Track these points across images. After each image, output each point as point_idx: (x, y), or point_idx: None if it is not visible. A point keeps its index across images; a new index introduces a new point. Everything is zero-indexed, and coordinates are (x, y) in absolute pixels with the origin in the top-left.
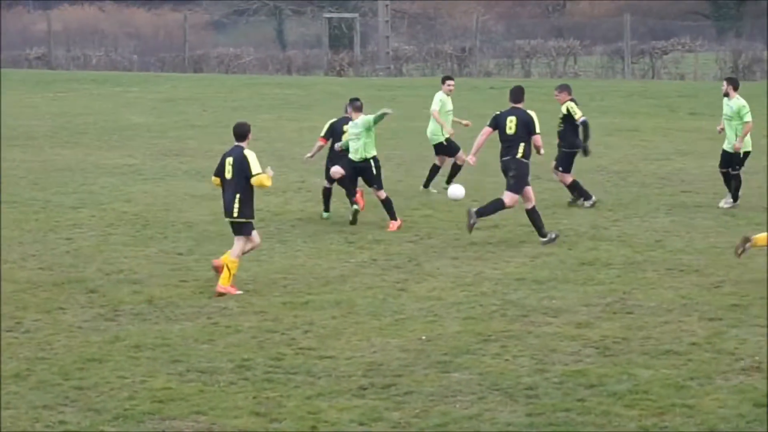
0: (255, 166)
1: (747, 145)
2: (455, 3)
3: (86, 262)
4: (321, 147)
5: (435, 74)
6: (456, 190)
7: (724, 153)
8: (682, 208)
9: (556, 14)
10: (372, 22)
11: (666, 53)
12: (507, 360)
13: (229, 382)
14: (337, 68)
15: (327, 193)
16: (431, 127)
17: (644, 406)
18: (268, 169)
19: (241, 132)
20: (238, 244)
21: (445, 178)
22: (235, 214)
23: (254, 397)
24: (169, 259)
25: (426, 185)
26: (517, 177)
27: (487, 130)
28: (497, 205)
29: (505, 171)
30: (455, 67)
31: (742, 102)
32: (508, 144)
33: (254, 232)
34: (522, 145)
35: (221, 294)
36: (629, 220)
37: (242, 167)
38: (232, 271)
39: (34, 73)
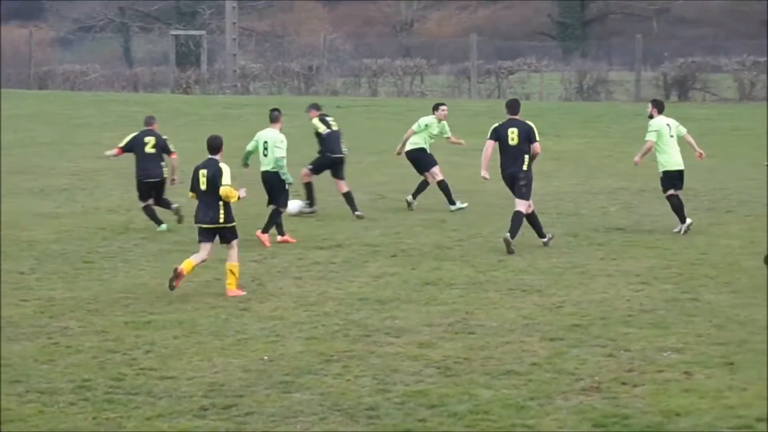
0: (226, 178)
1: (670, 164)
2: (303, 21)
3: None
4: (116, 155)
5: (282, 93)
6: (293, 204)
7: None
8: (526, 228)
9: (404, 34)
10: (219, 40)
11: (512, 73)
12: (349, 380)
13: (69, 402)
14: (184, 86)
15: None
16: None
17: (484, 427)
18: (242, 191)
19: (215, 145)
20: (234, 249)
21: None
22: (222, 220)
23: (94, 418)
24: (11, 278)
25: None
26: (527, 185)
27: (490, 143)
28: (518, 219)
29: (512, 181)
30: (302, 86)
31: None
32: (513, 155)
33: (211, 245)
34: (526, 155)
35: (234, 295)
36: (473, 239)
37: (216, 179)
38: (236, 274)
39: None
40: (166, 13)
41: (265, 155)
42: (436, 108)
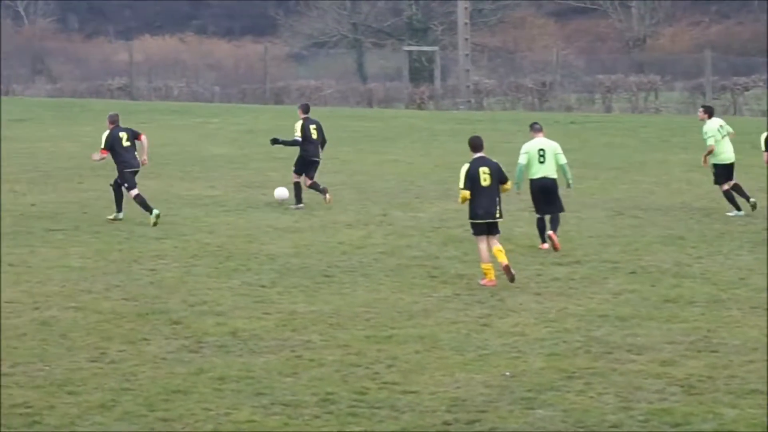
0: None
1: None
2: (534, 37)
3: (170, 293)
4: (103, 158)
5: (516, 108)
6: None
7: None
8: (766, 245)
9: (637, 50)
10: (452, 56)
11: (747, 89)
12: (591, 397)
13: (314, 415)
14: (418, 101)
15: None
16: None
17: None
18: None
19: (481, 143)
20: (497, 239)
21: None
22: (498, 216)
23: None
24: (253, 291)
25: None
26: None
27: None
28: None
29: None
30: (536, 102)
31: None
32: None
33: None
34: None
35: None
36: (713, 257)
37: (499, 173)
38: (503, 252)
39: (115, 104)
40: (399, 29)
41: (542, 162)
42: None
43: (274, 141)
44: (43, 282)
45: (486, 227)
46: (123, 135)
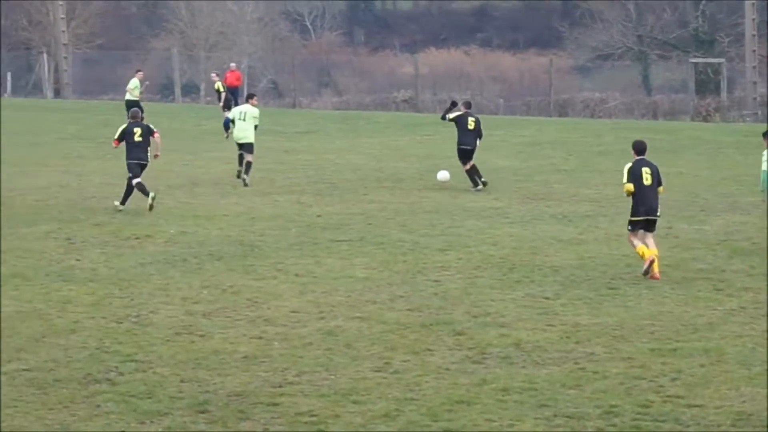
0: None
1: None
2: None
3: (454, 304)
4: (114, 148)
5: None
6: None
7: None
8: None
9: None
10: (739, 68)
11: None
12: None
13: (597, 428)
14: (704, 113)
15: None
16: None
17: None
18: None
19: (645, 147)
20: (652, 236)
21: None
22: (659, 213)
23: None
24: (536, 303)
25: None
26: None
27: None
28: None
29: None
30: None
31: None
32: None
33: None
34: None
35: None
36: None
37: (659, 176)
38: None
39: (401, 116)
40: (684, 41)
41: None
42: None
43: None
44: (329, 292)
45: (645, 223)
46: (137, 130)
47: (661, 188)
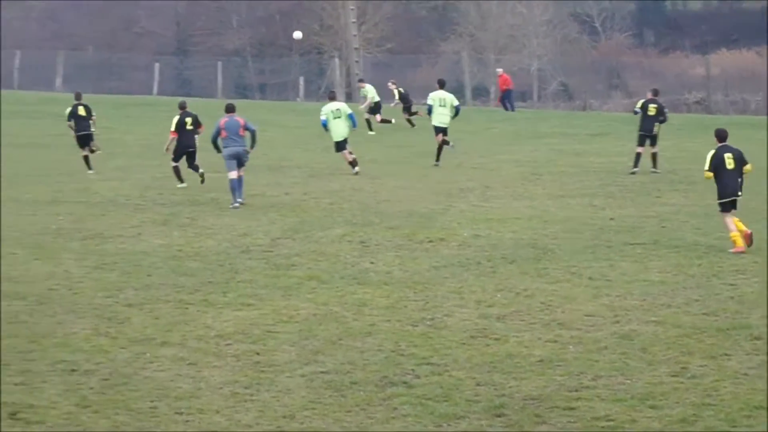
0: None
1: None
2: None
3: (751, 308)
4: (173, 140)
5: None
6: None
7: None
8: None
9: None
10: None
11: None
12: None
13: None
14: None
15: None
16: None
17: None
18: None
19: (726, 134)
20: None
21: None
22: (740, 193)
23: None
24: None
25: None
26: None
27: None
28: None
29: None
30: None
31: None
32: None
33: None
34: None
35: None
36: None
37: (742, 159)
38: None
39: (692, 118)
40: None
41: None
42: None
43: None
44: (623, 296)
45: (730, 204)
46: (188, 120)
47: (748, 167)
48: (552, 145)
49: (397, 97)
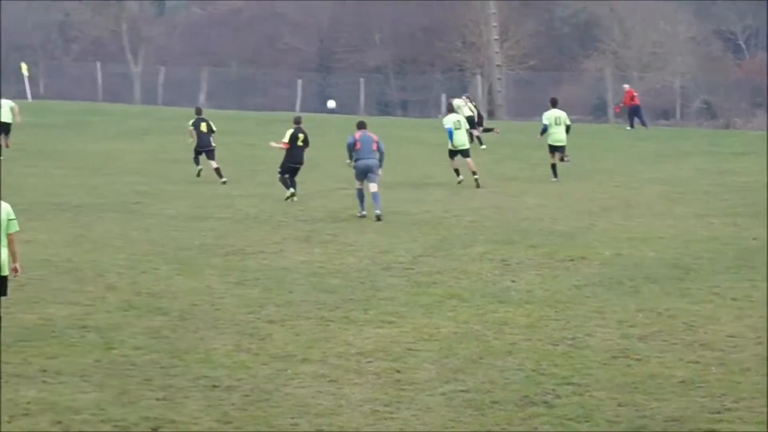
0: None
1: None
2: None
3: None
4: (282, 149)
5: None
6: None
7: None
8: None
9: None
10: None
11: None
12: None
13: None
14: None
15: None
16: None
17: None
18: None
19: None
20: None
21: None
22: None
23: None
24: None
25: None
26: None
27: None
28: None
29: None
30: None
31: None
32: None
33: None
34: None
35: None
36: None
37: None
38: None
39: None
40: None
41: None
42: None
43: None
44: (766, 317)
45: None
46: (300, 135)
47: None
48: (695, 164)
49: (468, 112)
